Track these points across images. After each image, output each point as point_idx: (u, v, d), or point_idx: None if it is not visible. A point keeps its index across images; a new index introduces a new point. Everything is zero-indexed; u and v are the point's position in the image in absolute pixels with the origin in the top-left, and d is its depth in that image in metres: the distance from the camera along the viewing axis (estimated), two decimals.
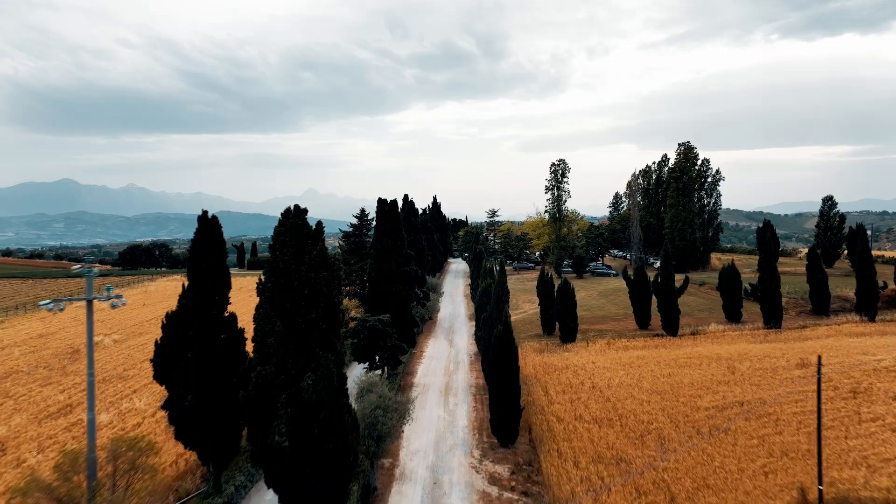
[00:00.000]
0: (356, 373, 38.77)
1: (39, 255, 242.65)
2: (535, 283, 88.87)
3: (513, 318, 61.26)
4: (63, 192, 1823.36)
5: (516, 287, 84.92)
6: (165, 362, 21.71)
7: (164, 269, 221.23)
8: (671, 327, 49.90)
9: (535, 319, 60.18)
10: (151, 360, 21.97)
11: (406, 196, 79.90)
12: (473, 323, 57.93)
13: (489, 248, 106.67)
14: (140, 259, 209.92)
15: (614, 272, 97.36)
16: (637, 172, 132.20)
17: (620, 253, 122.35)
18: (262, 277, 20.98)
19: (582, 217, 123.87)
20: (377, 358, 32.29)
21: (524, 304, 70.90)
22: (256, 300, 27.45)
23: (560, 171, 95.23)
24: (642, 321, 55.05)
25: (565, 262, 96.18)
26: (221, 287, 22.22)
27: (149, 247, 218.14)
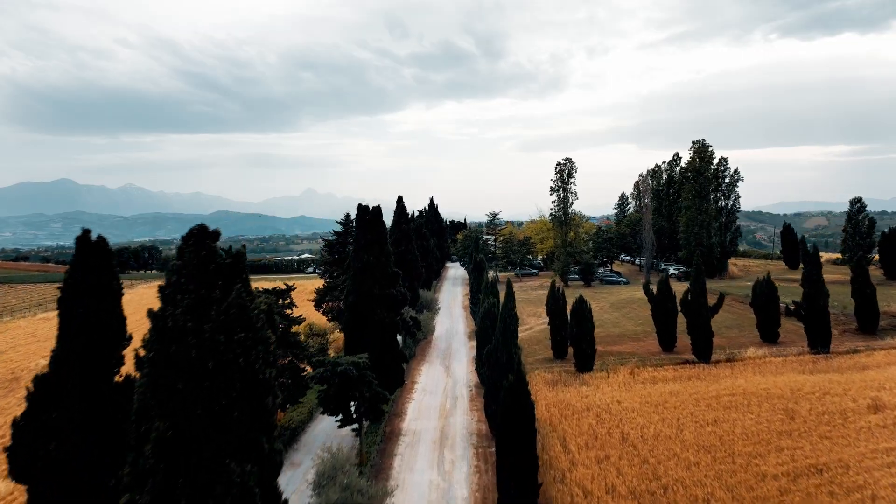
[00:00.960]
0: (323, 427, 31.92)
1: (25, 258, 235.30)
2: (541, 292, 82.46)
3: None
4: (61, 192, 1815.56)
5: (520, 297, 77.88)
6: (28, 453, 14.81)
7: (154, 271, 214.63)
8: (703, 353, 43.03)
9: (543, 338, 53.39)
10: (6, 450, 15.06)
11: (399, 199, 73.22)
12: (474, 344, 51.20)
13: (488, 251, 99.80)
14: (128, 262, 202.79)
15: (624, 280, 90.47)
16: (645, 173, 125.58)
17: (628, 258, 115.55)
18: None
19: (587, 219, 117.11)
20: (352, 409, 25.40)
21: (529, 319, 64.01)
22: None
23: (566, 172, 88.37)
24: (667, 342, 48.21)
25: (572, 269, 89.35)
26: (111, 342, 15.34)
27: (137, 249, 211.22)
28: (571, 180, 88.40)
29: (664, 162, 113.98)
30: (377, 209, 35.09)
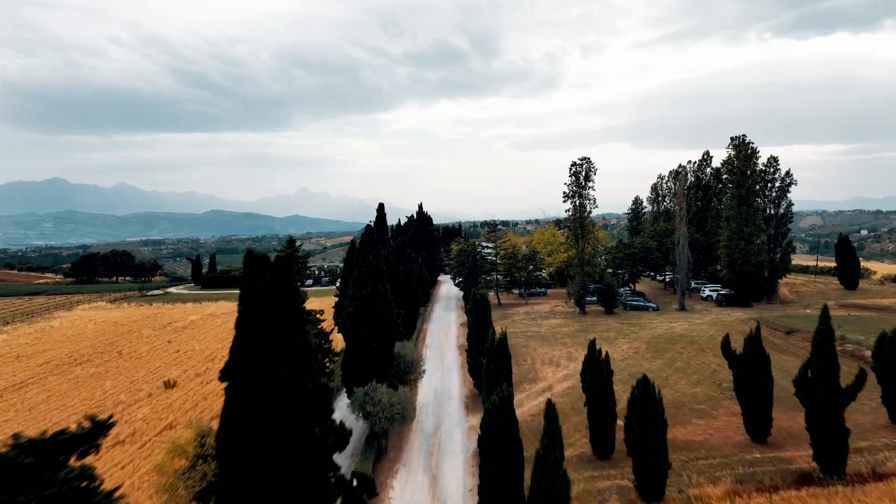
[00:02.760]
0: None
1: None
2: (555, 321, 67.02)
3: (530, 411, 38.94)
4: (53, 192, 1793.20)
5: (529, 331, 62.50)
6: None
7: (127, 279, 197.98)
8: (834, 461, 27.41)
9: (569, 407, 38.07)
10: None
11: (380, 209, 58.13)
12: (472, 422, 35.66)
13: (486, 266, 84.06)
14: (96, 268, 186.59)
15: (653, 305, 74.69)
16: (666, 175, 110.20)
17: (647, 272, 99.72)
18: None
19: (600, 227, 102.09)
20: None
21: (545, 369, 48.33)
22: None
23: (583, 174, 72.66)
24: (757, 428, 32.61)
25: (590, 287, 73.62)
26: None
27: (107, 254, 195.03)
28: (590, 184, 72.76)
29: (690, 162, 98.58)
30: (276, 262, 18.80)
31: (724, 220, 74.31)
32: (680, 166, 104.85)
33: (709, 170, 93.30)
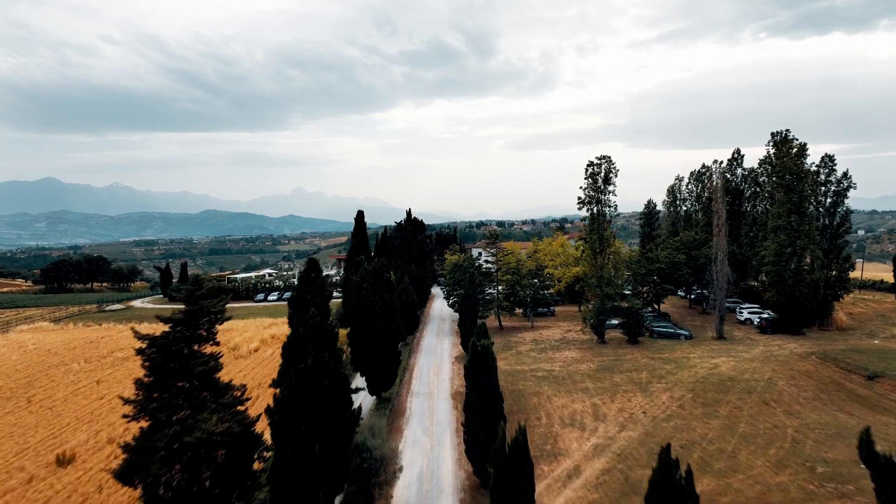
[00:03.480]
0: None
1: None
2: (569, 354, 55.18)
3: None
4: (46, 191, 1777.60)
5: (539, 370, 50.53)
6: None
7: (105, 285, 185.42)
8: None
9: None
10: None
11: (359, 216, 46.93)
12: None
13: (486, 276, 72.21)
14: (67, 274, 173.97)
15: (685, 332, 62.67)
16: (686, 176, 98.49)
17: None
18: None
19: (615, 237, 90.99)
20: None
21: (567, 437, 36.32)
22: None
23: (602, 175, 60.65)
24: None
25: (608, 308, 61.49)
26: None
27: (79, 261, 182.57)
28: (610, 188, 60.73)
29: (717, 162, 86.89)
30: None
31: (769, 232, 62.35)
32: (704, 167, 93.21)
33: (740, 171, 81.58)
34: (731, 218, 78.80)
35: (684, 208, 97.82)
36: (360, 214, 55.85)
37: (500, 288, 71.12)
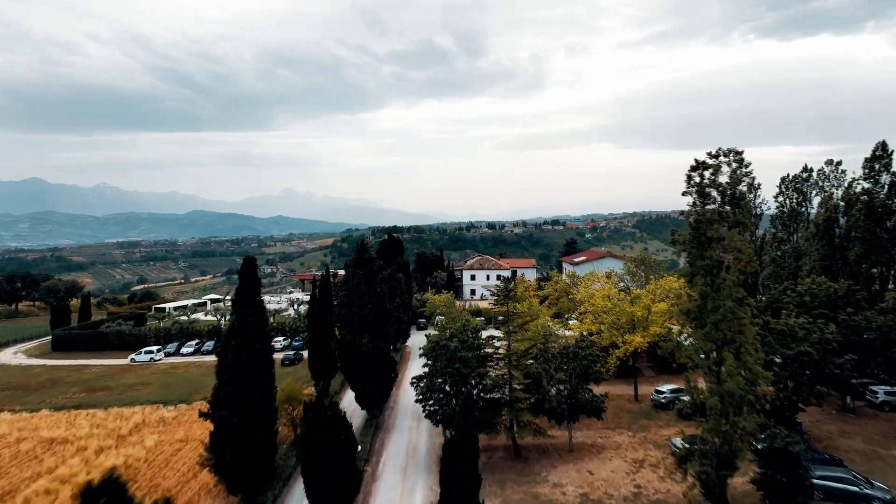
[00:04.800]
0: None
1: None
2: None
3: None
4: (30, 192, 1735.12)
5: None
6: None
7: (36, 304, 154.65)
8: None
9: None
10: None
11: (248, 263, 18.16)
12: None
13: (483, 357, 42.03)
14: None
15: (880, 493, 32.96)
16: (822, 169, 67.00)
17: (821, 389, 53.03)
18: None
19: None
20: None
21: None
22: None
23: (728, 191, 31.11)
24: None
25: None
26: None
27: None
28: (748, 203, 31.33)
29: (833, 164, 58.27)
30: None
31: None
32: (807, 169, 64.54)
33: (885, 177, 52.76)
34: (874, 251, 50.00)
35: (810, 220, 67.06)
36: (249, 262, 28.86)
37: (514, 383, 41.30)
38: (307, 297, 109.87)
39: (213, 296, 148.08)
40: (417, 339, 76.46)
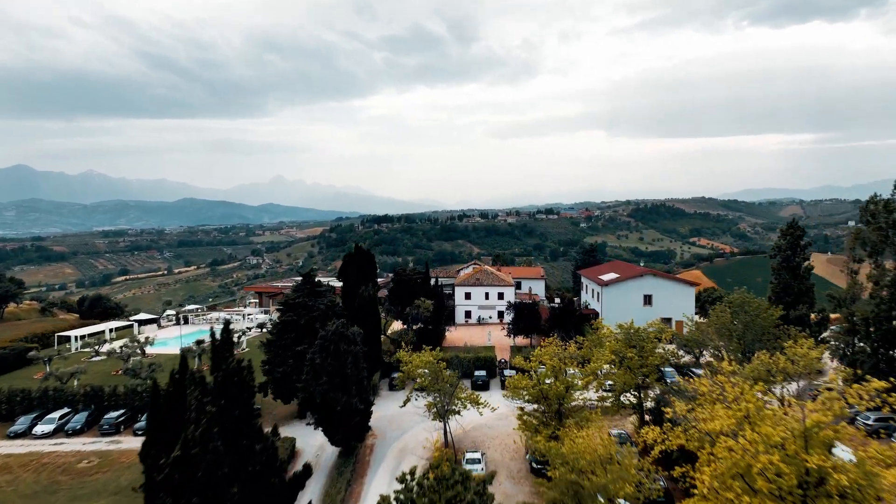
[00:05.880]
0: None
1: None
2: None
3: None
4: (16, 179, 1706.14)
5: None
6: None
7: None
8: None
9: None
10: None
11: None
12: None
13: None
14: None
15: None
16: None
17: None
18: None
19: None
20: None
21: None
22: None
23: None
24: None
25: None
26: None
27: None
28: None
29: None
30: None
31: None
32: None
33: None
34: None
35: None
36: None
37: None
38: (264, 317, 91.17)
39: (193, 307, 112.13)
40: (389, 410, 50.29)
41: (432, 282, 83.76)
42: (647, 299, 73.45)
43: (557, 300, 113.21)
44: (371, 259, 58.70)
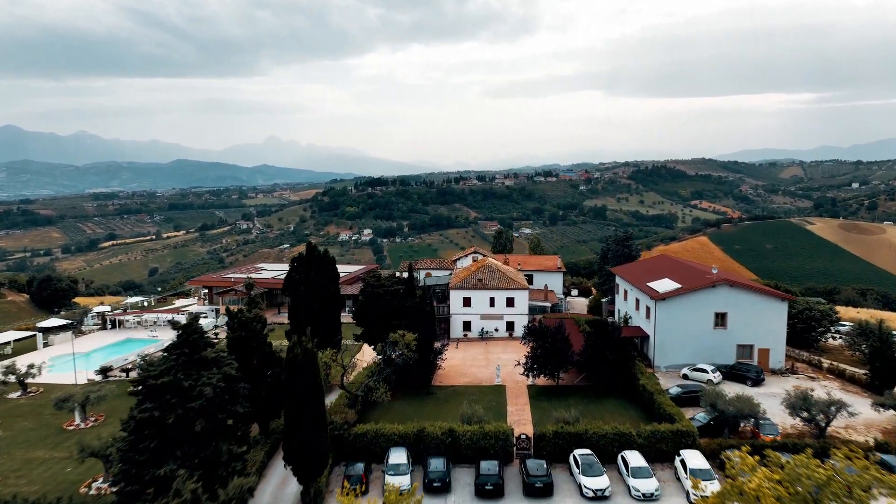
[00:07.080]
0: None
1: None
2: None
3: None
4: (6, 140, 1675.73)
5: None
6: None
7: None
8: None
9: None
10: None
11: None
12: None
13: None
14: None
15: None
16: None
17: None
18: None
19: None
20: None
21: None
22: None
23: None
24: None
25: None
26: None
27: None
28: None
29: None
30: None
31: None
32: None
33: None
34: None
35: None
36: None
37: None
38: (212, 317, 74.68)
39: (137, 299, 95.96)
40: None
41: (419, 283, 66.94)
42: (720, 318, 53.49)
43: (575, 292, 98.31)
44: (332, 264, 46.18)
